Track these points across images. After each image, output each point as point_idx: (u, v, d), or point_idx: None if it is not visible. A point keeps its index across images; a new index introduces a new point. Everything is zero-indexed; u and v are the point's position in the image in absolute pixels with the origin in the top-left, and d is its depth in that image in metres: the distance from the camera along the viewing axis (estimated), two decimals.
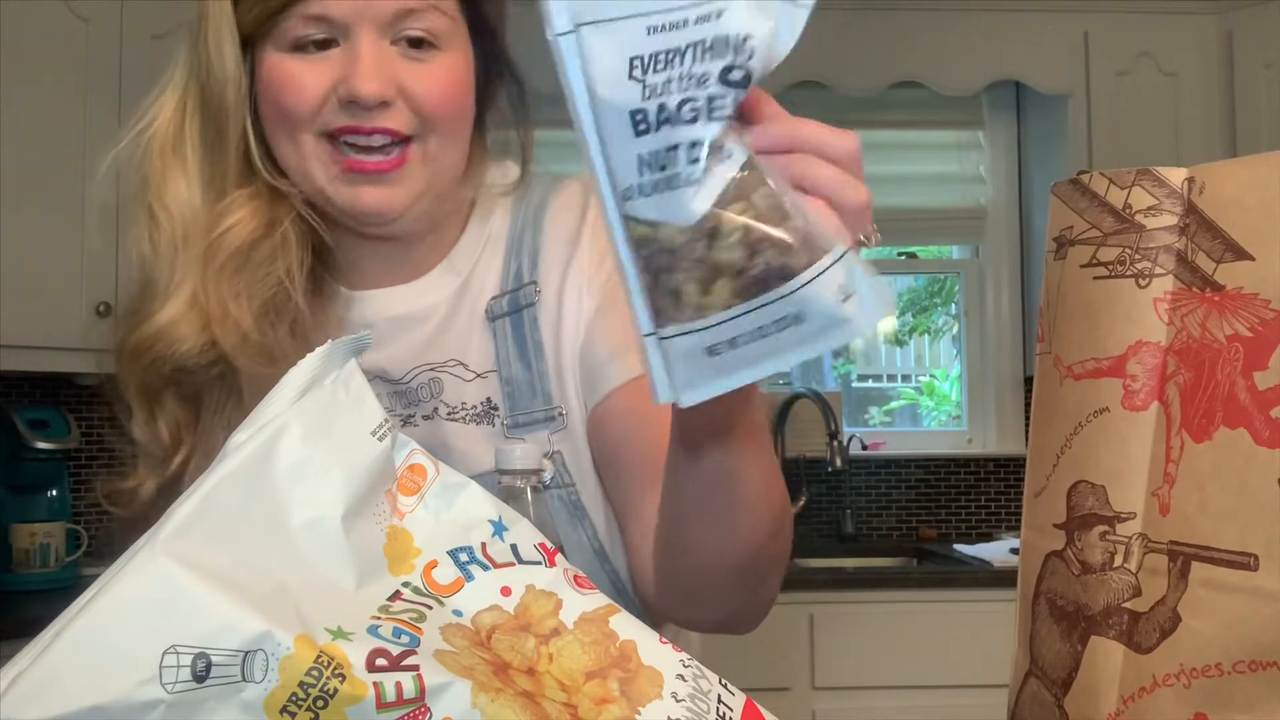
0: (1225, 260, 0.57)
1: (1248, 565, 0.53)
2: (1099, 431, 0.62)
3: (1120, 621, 0.59)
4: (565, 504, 0.84)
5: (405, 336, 0.86)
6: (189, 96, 0.83)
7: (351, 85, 0.76)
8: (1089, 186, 0.63)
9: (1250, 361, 0.55)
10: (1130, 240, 0.60)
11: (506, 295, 0.86)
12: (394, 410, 0.86)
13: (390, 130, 0.78)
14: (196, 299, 0.79)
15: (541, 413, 0.84)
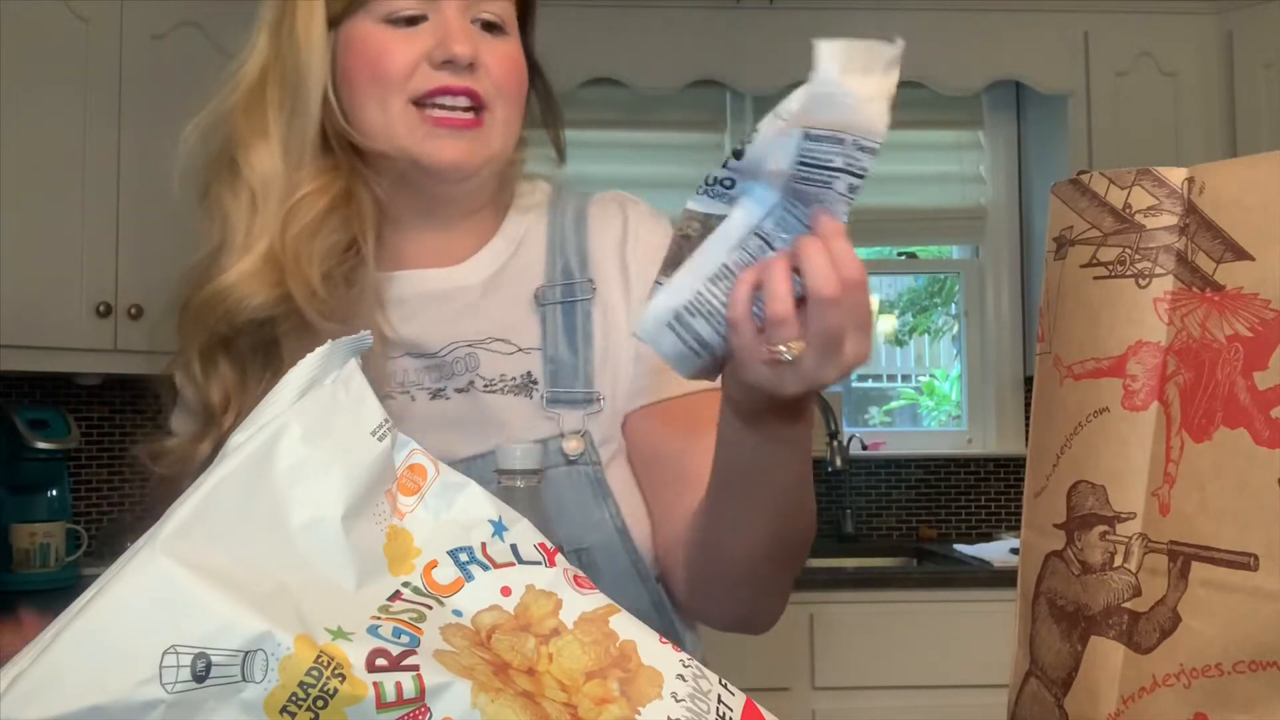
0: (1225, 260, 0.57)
1: (1248, 565, 0.53)
2: (1099, 431, 0.62)
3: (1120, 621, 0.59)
4: (590, 480, 0.88)
5: (438, 313, 0.91)
6: (272, 67, 0.88)
7: (448, 47, 0.85)
8: (1089, 186, 0.63)
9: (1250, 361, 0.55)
10: (1130, 240, 0.60)
11: (559, 286, 0.92)
12: (422, 384, 0.90)
13: (474, 92, 0.86)
14: (273, 256, 0.84)
15: (581, 394, 0.89)
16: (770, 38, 2.95)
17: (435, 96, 0.86)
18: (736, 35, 2.97)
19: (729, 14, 2.94)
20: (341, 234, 0.87)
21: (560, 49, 3.48)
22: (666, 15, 2.99)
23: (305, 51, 0.86)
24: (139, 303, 2.54)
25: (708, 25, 2.95)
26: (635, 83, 2.99)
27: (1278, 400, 0.54)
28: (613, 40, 2.98)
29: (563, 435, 0.88)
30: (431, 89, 0.86)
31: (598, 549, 0.86)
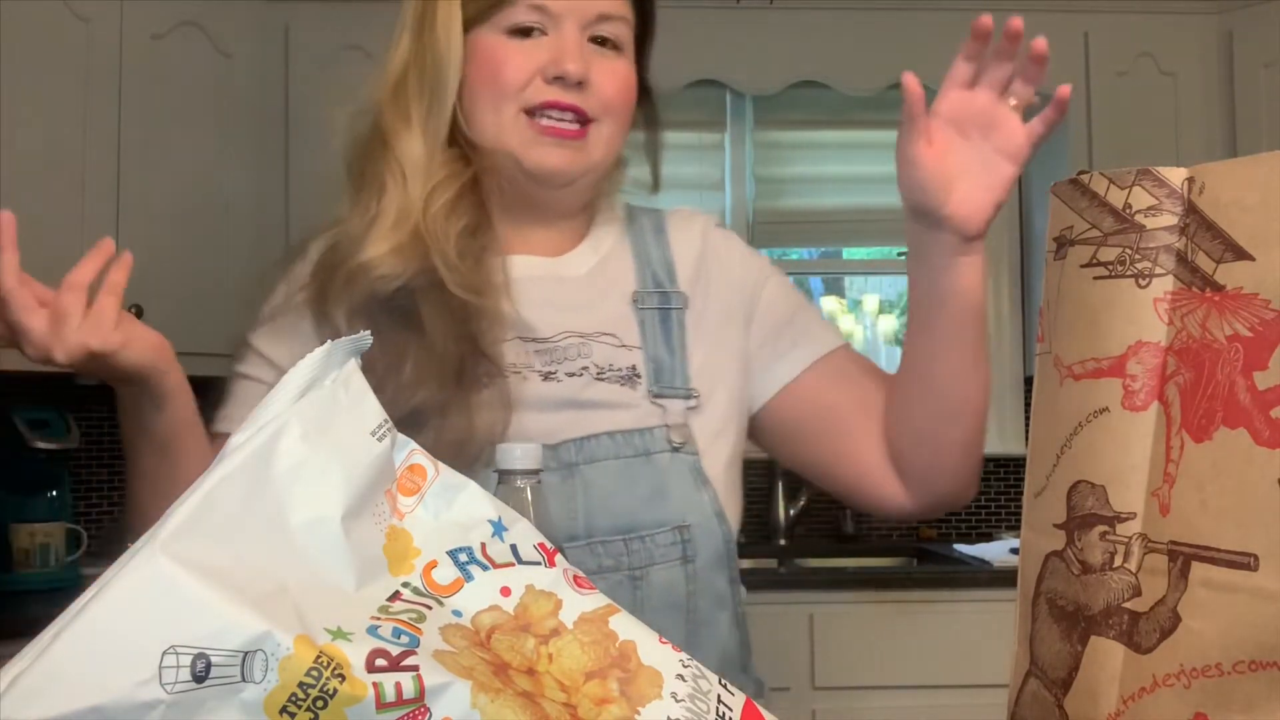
0: (1225, 260, 0.57)
1: (1248, 565, 0.53)
2: (1099, 431, 0.62)
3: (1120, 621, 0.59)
4: (691, 469, 0.94)
5: (547, 300, 0.98)
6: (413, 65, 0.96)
7: (560, 64, 0.92)
8: (1089, 186, 0.63)
9: (1250, 361, 0.55)
10: (1130, 240, 0.60)
11: (653, 294, 1.00)
12: (533, 366, 0.96)
13: (581, 109, 0.93)
14: (417, 232, 0.92)
15: (681, 390, 0.96)
16: (770, 38, 2.95)
17: (544, 109, 0.93)
18: (736, 35, 2.97)
19: (729, 14, 2.94)
20: (470, 217, 0.95)
21: None
22: (666, 15, 2.98)
23: (443, 53, 0.94)
24: (139, 303, 2.54)
25: (708, 25, 2.95)
26: None
27: (1278, 400, 0.54)
28: None
29: (668, 425, 0.93)
30: (541, 102, 0.93)
31: (697, 527, 0.92)
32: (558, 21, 0.93)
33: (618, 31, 0.95)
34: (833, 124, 3.20)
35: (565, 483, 0.90)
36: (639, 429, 0.93)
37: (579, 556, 0.89)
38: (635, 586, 0.89)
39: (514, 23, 0.93)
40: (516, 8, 0.93)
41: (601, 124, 0.95)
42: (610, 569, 0.89)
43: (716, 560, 0.94)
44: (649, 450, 0.92)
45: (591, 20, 0.94)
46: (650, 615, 0.86)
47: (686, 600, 0.91)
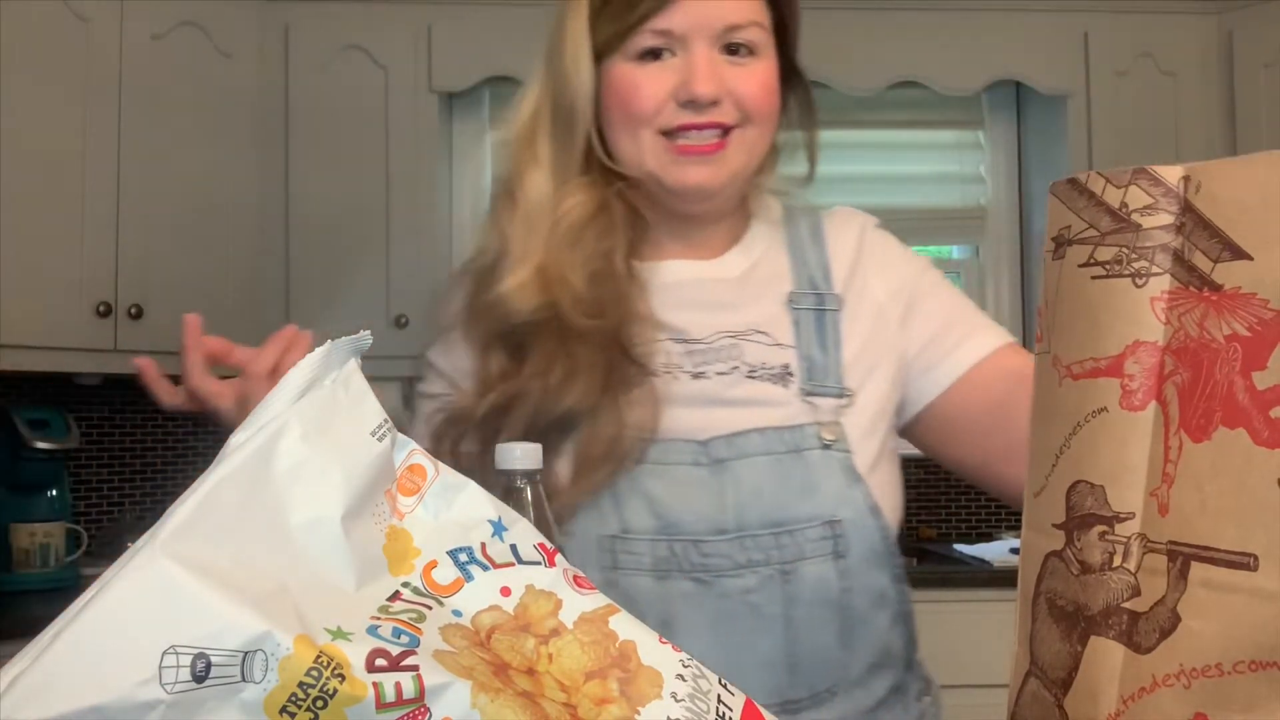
0: (1223, 260, 0.56)
1: (1247, 565, 0.53)
2: (1098, 431, 0.62)
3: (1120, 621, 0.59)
4: (843, 466, 0.94)
5: (700, 302, 1.00)
6: (544, 101, 0.99)
7: (691, 88, 0.92)
8: (1086, 186, 0.62)
9: (1249, 361, 0.55)
10: (1127, 240, 0.60)
11: (809, 294, 1.01)
12: (684, 366, 0.97)
13: (719, 124, 0.94)
14: (542, 268, 0.94)
15: (834, 389, 0.96)
16: None
17: (682, 132, 0.94)
18: None
19: None
20: (602, 240, 0.96)
21: None
22: None
23: (574, 88, 0.96)
24: (139, 303, 2.54)
25: None
26: None
27: (1277, 400, 0.54)
28: None
29: (819, 423, 0.94)
30: (677, 126, 0.94)
31: (849, 522, 0.92)
32: (685, 42, 0.93)
33: (751, 37, 0.95)
34: (832, 124, 3.19)
35: (715, 477, 0.91)
36: (790, 426, 0.93)
37: (727, 550, 0.89)
38: (785, 581, 0.89)
39: (639, 47, 0.94)
40: (642, 34, 0.93)
41: (743, 129, 0.95)
42: (760, 563, 0.89)
43: (873, 557, 0.93)
44: (800, 447, 0.92)
45: (720, 33, 0.94)
46: (801, 610, 0.89)
47: (839, 597, 0.90)
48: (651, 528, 0.90)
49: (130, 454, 2.96)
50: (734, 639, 0.89)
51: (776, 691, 0.89)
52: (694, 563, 0.89)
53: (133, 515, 2.92)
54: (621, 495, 0.91)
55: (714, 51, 0.93)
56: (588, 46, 0.95)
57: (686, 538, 0.89)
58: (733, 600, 0.89)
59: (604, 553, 0.91)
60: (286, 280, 2.87)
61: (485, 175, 3.25)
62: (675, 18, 0.93)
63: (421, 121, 2.95)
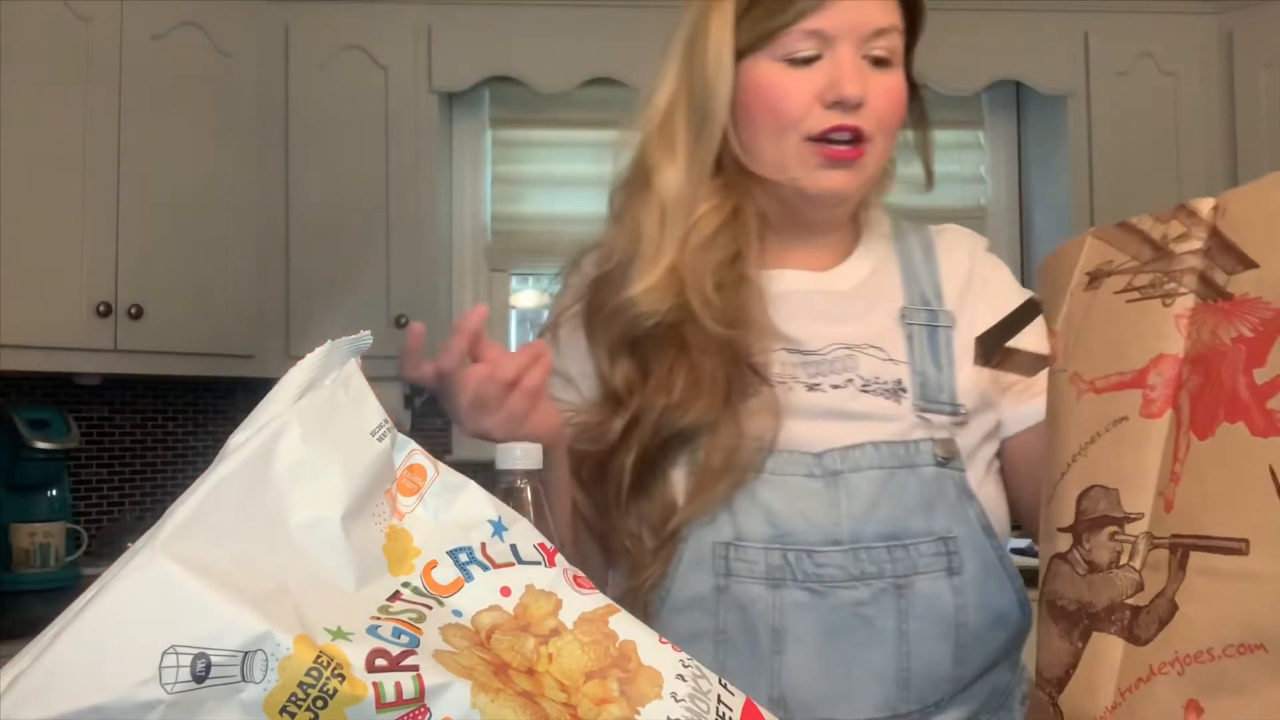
0: (1236, 272, 0.59)
1: (1240, 550, 0.54)
2: (1117, 438, 0.63)
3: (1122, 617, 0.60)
4: (955, 484, 0.93)
5: (815, 313, 0.99)
6: (680, 97, 0.97)
7: (840, 89, 0.92)
8: (1135, 225, 0.65)
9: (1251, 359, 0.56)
10: (1162, 265, 0.63)
11: (921, 310, 1.00)
12: (798, 377, 0.96)
13: (860, 128, 0.93)
14: (675, 270, 0.94)
15: (947, 406, 0.95)
16: None
17: (831, 134, 0.93)
18: None
19: None
20: (731, 246, 0.96)
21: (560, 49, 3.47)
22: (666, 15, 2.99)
23: (713, 85, 0.95)
24: (139, 303, 2.54)
25: None
26: (635, 83, 2.99)
27: (1274, 391, 0.55)
28: (613, 40, 2.98)
29: (933, 440, 0.93)
30: (824, 130, 0.93)
31: (964, 540, 0.91)
32: (833, 44, 0.93)
33: (891, 44, 0.95)
34: None
35: (829, 489, 0.90)
36: (904, 441, 0.93)
37: (841, 561, 0.88)
38: (899, 595, 0.89)
39: (791, 51, 0.93)
40: (792, 34, 0.93)
41: (875, 141, 0.95)
42: (873, 575, 0.88)
43: (989, 574, 0.91)
44: (914, 463, 0.92)
45: (867, 37, 0.94)
46: (915, 625, 0.88)
47: (954, 614, 0.90)
48: (766, 536, 0.90)
49: (130, 454, 2.96)
50: (846, 651, 0.88)
51: (886, 705, 0.88)
52: (807, 573, 0.89)
53: (133, 515, 2.92)
54: (736, 503, 0.91)
55: (857, 56, 0.94)
56: (731, 45, 0.95)
57: (800, 547, 0.89)
58: (845, 612, 0.88)
59: (718, 559, 0.90)
60: (286, 280, 2.87)
61: (485, 175, 3.26)
62: (828, 18, 0.93)
63: (421, 121, 2.95)
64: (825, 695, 0.88)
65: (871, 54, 0.94)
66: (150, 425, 3.00)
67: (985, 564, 0.91)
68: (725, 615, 0.90)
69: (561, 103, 3.13)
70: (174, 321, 2.63)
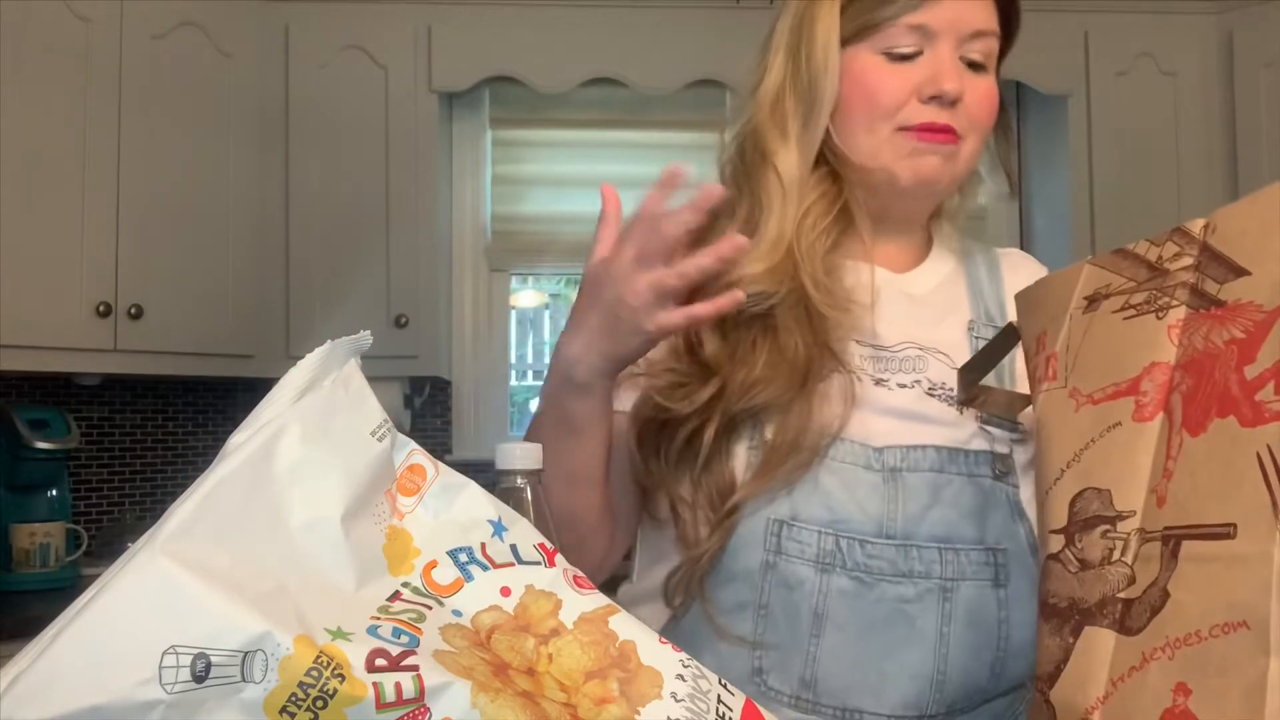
0: (1227, 281, 0.60)
1: (1228, 534, 0.55)
2: (1110, 443, 0.65)
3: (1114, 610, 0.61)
4: (1009, 499, 0.94)
5: (893, 310, 0.99)
6: (789, 83, 0.98)
7: (938, 83, 0.94)
8: (1133, 250, 0.67)
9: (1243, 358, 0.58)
10: (1157, 283, 0.65)
11: (987, 326, 1.01)
12: (866, 370, 0.96)
13: (952, 129, 0.95)
14: (791, 252, 0.94)
15: (1008, 422, 0.96)
16: None
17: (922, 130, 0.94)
18: (736, 35, 2.96)
19: (729, 14, 2.94)
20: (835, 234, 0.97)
21: (560, 49, 3.47)
22: (667, 15, 2.99)
23: (821, 72, 0.96)
24: (139, 303, 2.54)
25: (708, 25, 2.95)
26: (635, 83, 3.00)
27: (1262, 384, 0.56)
28: (613, 40, 2.98)
29: (994, 454, 0.94)
30: (918, 124, 0.94)
31: (1012, 554, 0.92)
32: (934, 40, 0.95)
33: (988, 48, 0.97)
34: None
35: (888, 484, 0.91)
36: (965, 449, 0.93)
37: (891, 555, 0.89)
38: (944, 597, 0.89)
39: (892, 44, 0.95)
40: (897, 27, 0.94)
41: (968, 140, 0.97)
42: (921, 574, 0.89)
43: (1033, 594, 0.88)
44: (973, 472, 0.92)
45: (967, 37, 0.95)
46: (957, 630, 0.88)
47: (998, 625, 0.90)
48: (821, 520, 0.90)
49: (130, 454, 2.96)
50: (884, 645, 0.88)
51: (916, 705, 0.88)
52: (857, 562, 0.89)
53: (133, 515, 2.92)
54: (796, 484, 0.91)
55: (956, 56, 0.95)
56: (837, 34, 0.96)
57: (854, 536, 0.89)
58: (889, 606, 0.88)
59: (770, 536, 0.90)
60: (286, 280, 2.87)
61: (485, 175, 3.26)
62: (931, 14, 0.94)
63: (421, 121, 2.95)
64: (856, 685, 0.88)
65: (969, 56, 0.96)
66: (150, 425, 3.00)
67: (1031, 582, 0.90)
68: (771, 591, 0.90)
69: (561, 103, 3.13)
70: (174, 321, 2.63)
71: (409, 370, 2.93)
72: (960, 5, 0.95)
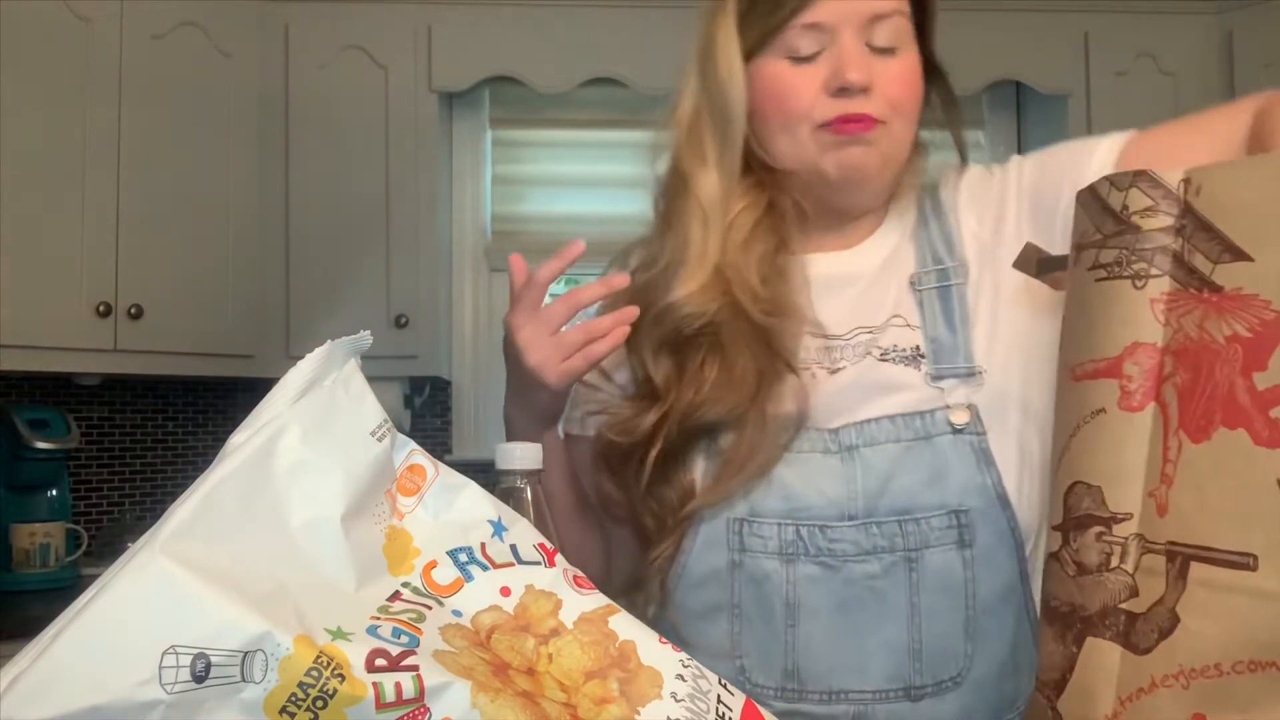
0: (1223, 261, 0.56)
1: (1247, 565, 0.53)
2: (1096, 432, 0.62)
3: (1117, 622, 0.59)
4: (974, 449, 0.92)
5: (840, 296, 1.00)
6: (701, 104, 1.00)
7: (842, 75, 0.93)
8: (1096, 191, 0.63)
9: (1249, 362, 0.55)
10: (1127, 242, 0.60)
11: (932, 272, 0.99)
12: (821, 363, 0.97)
13: (868, 115, 0.94)
14: (720, 271, 0.97)
15: (963, 369, 0.94)
16: None
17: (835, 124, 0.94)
18: None
19: None
20: (770, 239, 0.99)
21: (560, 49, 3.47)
22: (666, 15, 2.99)
23: (728, 90, 0.97)
24: (139, 303, 2.54)
25: None
26: (635, 83, 3.00)
27: (1277, 400, 0.54)
28: (613, 40, 2.98)
29: (949, 407, 0.92)
30: (832, 119, 0.94)
31: (976, 512, 0.91)
32: (834, 34, 0.94)
33: (893, 32, 0.96)
34: None
35: (845, 465, 0.92)
36: (919, 412, 0.93)
37: (854, 536, 0.90)
38: (910, 568, 0.89)
39: (793, 47, 0.95)
40: (793, 30, 0.95)
41: (891, 125, 0.96)
42: (885, 550, 0.90)
43: (998, 545, 0.91)
44: (929, 433, 0.92)
45: (866, 23, 0.94)
46: (926, 598, 0.89)
47: (965, 586, 0.90)
48: (780, 511, 0.91)
49: (130, 454, 2.96)
50: (859, 623, 0.90)
51: (900, 677, 0.89)
52: (820, 547, 0.90)
53: (133, 515, 2.92)
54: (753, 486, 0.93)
55: (860, 44, 0.94)
56: (738, 48, 0.97)
57: (814, 522, 0.91)
58: (858, 585, 0.90)
59: (732, 535, 0.92)
60: (286, 280, 2.87)
61: (485, 175, 3.26)
62: (823, 10, 0.94)
63: (421, 121, 2.95)
64: (838, 667, 0.89)
65: (874, 42, 0.95)
66: (150, 425, 3.00)
67: (998, 534, 0.91)
68: (740, 590, 0.92)
69: (561, 103, 3.13)
70: (174, 321, 2.63)
71: (409, 370, 2.93)
72: None
